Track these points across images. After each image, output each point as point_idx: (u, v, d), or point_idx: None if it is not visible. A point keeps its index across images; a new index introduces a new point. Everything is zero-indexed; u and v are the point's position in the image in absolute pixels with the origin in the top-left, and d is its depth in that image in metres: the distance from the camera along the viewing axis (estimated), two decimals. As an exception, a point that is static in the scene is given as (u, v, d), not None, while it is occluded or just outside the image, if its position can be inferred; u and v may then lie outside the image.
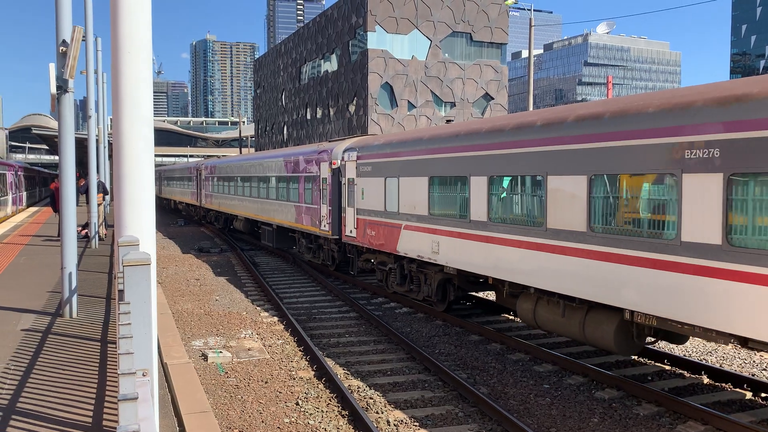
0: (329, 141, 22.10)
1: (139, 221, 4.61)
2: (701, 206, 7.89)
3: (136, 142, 4.56)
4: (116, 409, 6.19)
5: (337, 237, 19.58)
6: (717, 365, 11.10)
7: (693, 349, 12.23)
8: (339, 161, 19.44)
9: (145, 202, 4.64)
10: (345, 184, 18.83)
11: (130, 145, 4.55)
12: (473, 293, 16.12)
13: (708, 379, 10.33)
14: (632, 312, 9.07)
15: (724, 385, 10.07)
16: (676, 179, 8.22)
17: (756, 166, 7.23)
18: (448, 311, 14.84)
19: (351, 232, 18.31)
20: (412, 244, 14.86)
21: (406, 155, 15.23)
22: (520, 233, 11.07)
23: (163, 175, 59.93)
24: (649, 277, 8.57)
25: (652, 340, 9.94)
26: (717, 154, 7.70)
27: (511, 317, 14.92)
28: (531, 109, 34.84)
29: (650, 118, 8.59)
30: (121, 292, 3.73)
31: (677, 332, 8.66)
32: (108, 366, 7.68)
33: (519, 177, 11.24)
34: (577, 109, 10.24)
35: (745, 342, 7.77)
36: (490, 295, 17.23)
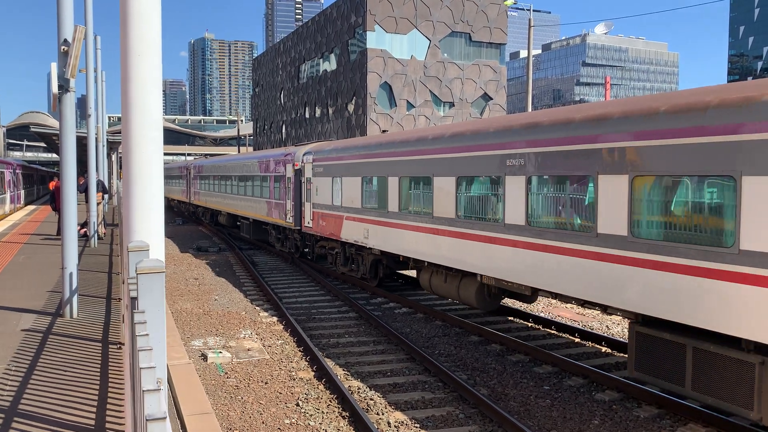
0: (295, 145, 25.27)
1: (148, 225, 4.57)
2: (515, 198, 11.09)
3: (145, 145, 4.53)
4: (120, 410, 6.19)
5: (299, 228, 22.65)
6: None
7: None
8: (300, 163, 22.48)
9: (155, 206, 4.60)
10: (304, 182, 21.97)
11: (139, 149, 4.52)
12: (399, 271, 19.14)
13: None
14: (481, 276, 12.31)
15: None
16: (503, 180, 11.41)
17: (540, 171, 10.48)
18: (379, 286, 17.87)
19: (308, 223, 21.48)
20: (351, 231, 18.10)
21: (346, 159, 18.41)
22: (418, 221, 14.39)
23: None
24: (487, 249, 11.86)
25: (503, 298, 13.23)
26: (523, 162, 10.87)
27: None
28: (530, 109, 34.91)
29: (490, 137, 11.80)
30: (133, 299, 3.71)
31: (511, 290, 11.76)
32: (109, 367, 7.67)
33: (418, 177, 14.48)
34: (452, 128, 13.58)
35: (536, 291, 11.09)
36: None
